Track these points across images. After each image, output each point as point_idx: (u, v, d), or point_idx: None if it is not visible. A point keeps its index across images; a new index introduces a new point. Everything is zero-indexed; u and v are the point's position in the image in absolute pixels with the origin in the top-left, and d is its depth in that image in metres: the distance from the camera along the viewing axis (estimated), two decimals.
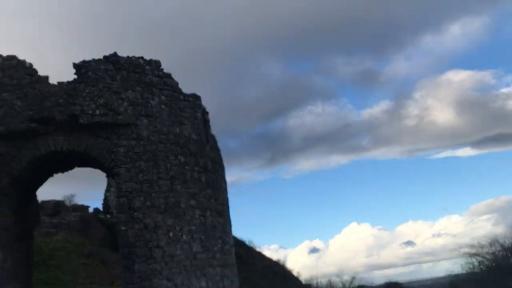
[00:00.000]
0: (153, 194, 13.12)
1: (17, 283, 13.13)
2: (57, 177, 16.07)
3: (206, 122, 15.65)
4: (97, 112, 13.11)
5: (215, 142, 16.21)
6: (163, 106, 14.18)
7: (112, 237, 36.12)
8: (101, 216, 39.55)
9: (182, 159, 14.13)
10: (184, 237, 13.34)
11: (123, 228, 12.50)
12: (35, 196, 15.16)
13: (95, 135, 13.28)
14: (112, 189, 41.44)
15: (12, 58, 13.48)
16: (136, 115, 13.53)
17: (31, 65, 13.55)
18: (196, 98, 15.39)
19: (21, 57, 13.51)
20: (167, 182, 13.51)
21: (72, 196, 48.65)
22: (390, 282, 42.14)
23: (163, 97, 14.28)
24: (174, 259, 12.88)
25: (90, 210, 42.01)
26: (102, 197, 41.29)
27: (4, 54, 13.60)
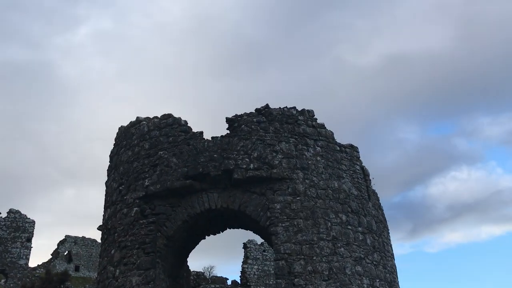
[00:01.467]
0: (314, 258, 11.42)
1: None
2: (197, 248, 15.40)
3: (366, 176, 13.84)
4: (251, 166, 12.19)
5: (378, 199, 14.20)
6: (318, 158, 12.82)
7: None
8: None
9: (344, 218, 12.35)
10: None
11: None
12: (186, 262, 14.42)
13: (249, 191, 12.28)
14: (249, 261, 40.75)
15: (168, 116, 13.47)
16: (291, 168, 12.33)
17: (186, 122, 13.39)
18: (353, 149, 13.81)
19: (176, 115, 13.45)
20: (329, 243, 11.75)
21: (212, 267, 49.03)
22: None
23: (318, 148, 12.97)
24: None
25: (228, 282, 41.55)
26: (239, 269, 40.76)
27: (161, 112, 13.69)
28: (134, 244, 12.22)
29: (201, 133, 12.99)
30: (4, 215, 32.80)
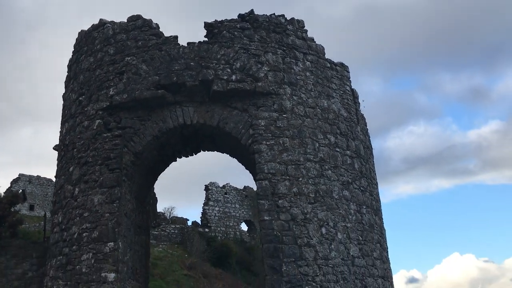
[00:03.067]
0: (300, 179, 10.35)
1: (135, 281, 10.90)
2: (157, 189, 14.03)
3: (355, 98, 12.71)
4: (233, 77, 10.74)
5: (365, 124, 13.17)
6: (308, 74, 11.51)
7: (212, 251, 34.28)
8: (200, 229, 38.12)
9: (332, 139, 11.27)
10: (339, 236, 10.34)
11: (266, 217, 9.80)
12: (153, 185, 13.10)
13: (230, 106, 10.91)
14: (211, 203, 40.08)
15: (137, 18, 11.66)
16: (278, 83, 10.98)
17: (157, 25, 11.63)
18: (344, 68, 12.57)
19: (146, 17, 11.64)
20: (316, 165, 10.69)
21: (172, 208, 48.15)
22: None
23: (307, 63, 11.63)
24: (329, 263, 9.90)
25: (189, 223, 40.91)
26: (200, 211, 40.12)
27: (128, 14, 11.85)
28: (97, 160, 10.72)
29: (176, 37, 11.31)
30: None
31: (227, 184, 41.55)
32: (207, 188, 40.03)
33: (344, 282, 9.91)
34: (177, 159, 12.73)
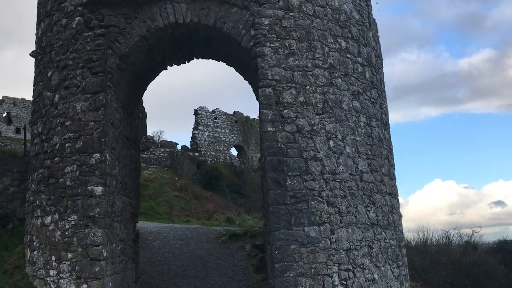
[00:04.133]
0: (307, 87, 9.28)
1: (125, 197, 10.09)
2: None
3: (367, 0, 11.33)
4: None
5: (377, 30, 11.90)
6: None
7: (202, 175, 33.95)
8: (190, 153, 37.59)
9: (343, 44, 10.07)
10: (348, 150, 9.48)
11: (270, 129, 8.82)
12: (142, 95, 11.94)
13: (228, 3, 9.54)
14: (200, 127, 39.21)
15: None
16: None
17: None
18: None
19: None
20: (325, 72, 9.58)
21: (161, 132, 47.31)
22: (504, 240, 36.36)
23: None
24: (337, 178, 9.11)
25: (178, 147, 40.32)
26: (190, 135, 39.41)
27: None
28: (78, 62, 9.45)
29: None
30: None
31: (216, 109, 40.58)
32: (196, 113, 39.05)
33: (351, 198, 9.20)
34: (168, 67, 11.48)
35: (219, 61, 11.55)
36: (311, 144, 9.00)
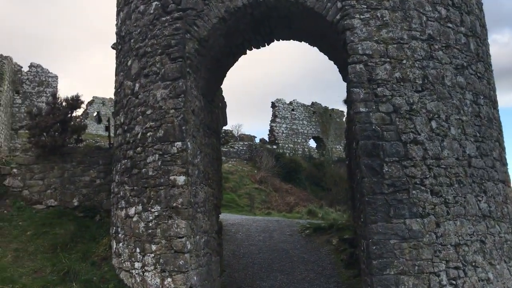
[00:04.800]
0: (404, 61, 8.21)
1: (208, 187, 9.67)
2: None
3: None
4: None
5: None
6: None
7: (281, 167, 33.43)
8: (268, 146, 37.24)
9: (443, 12, 8.84)
10: (453, 131, 8.29)
11: (362, 109, 7.90)
12: (221, 83, 11.48)
13: None
14: (278, 120, 38.66)
15: None
16: None
17: None
18: None
19: None
20: (424, 44, 8.44)
21: (240, 125, 47.50)
22: None
23: None
24: (441, 163, 7.98)
25: (256, 140, 40.18)
26: (267, 128, 39.09)
27: None
28: (156, 49, 9.14)
29: None
30: (26, 69, 30.86)
31: (294, 100, 39.84)
32: (273, 105, 38.61)
33: (459, 186, 8.02)
34: (247, 51, 10.90)
35: (300, 41, 10.77)
36: (410, 126, 7.95)
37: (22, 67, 30.94)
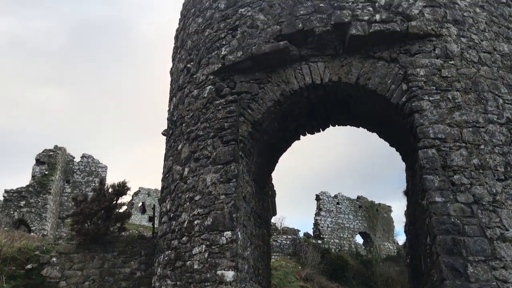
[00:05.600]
0: (482, 147, 7.34)
1: (257, 284, 8.61)
2: None
3: None
4: (377, 17, 8.16)
5: None
6: (478, 10, 8.52)
7: (327, 264, 31.51)
8: (313, 240, 35.59)
9: None
10: None
11: (438, 199, 6.93)
12: (273, 169, 10.85)
13: (372, 57, 8.32)
14: (322, 213, 37.32)
15: None
16: (438, 21, 8.16)
17: None
18: None
19: None
20: (502, 128, 7.60)
21: (283, 218, 46.25)
22: None
23: None
24: None
25: (300, 234, 38.68)
26: (312, 221, 37.80)
27: None
28: (209, 132, 8.75)
29: None
30: (78, 159, 31.98)
31: (339, 193, 38.69)
32: (318, 198, 37.53)
33: None
34: (301, 136, 10.38)
35: (358, 127, 10.16)
36: (495, 219, 6.85)
37: (74, 157, 31.97)
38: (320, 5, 8.46)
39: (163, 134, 12.19)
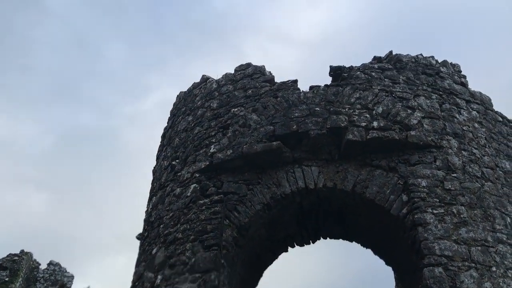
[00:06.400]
0: (493, 269, 6.57)
1: None
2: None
3: None
4: (375, 124, 7.87)
5: None
6: (476, 125, 8.35)
7: None
8: None
9: None
10: None
11: None
12: (258, 283, 9.72)
13: (370, 164, 7.86)
14: None
15: (247, 66, 9.65)
16: (438, 133, 7.90)
17: (270, 73, 9.46)
18: None
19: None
20: None
21: None
22: None
23: (474, 113, 8.56)
24: None
25: None
26: None
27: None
28: (189, 235, 7.84)
29: (295, 82, 8.96)
30: (44, 266, 29.78)
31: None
32: None
33: None
34: (289, 248, 9.47)
35: (351, 241, 9.35)
36: None
37: (40, 264, 29.73)
38: (316, 108, 8.20)
39: (137, 238, 11.13)
